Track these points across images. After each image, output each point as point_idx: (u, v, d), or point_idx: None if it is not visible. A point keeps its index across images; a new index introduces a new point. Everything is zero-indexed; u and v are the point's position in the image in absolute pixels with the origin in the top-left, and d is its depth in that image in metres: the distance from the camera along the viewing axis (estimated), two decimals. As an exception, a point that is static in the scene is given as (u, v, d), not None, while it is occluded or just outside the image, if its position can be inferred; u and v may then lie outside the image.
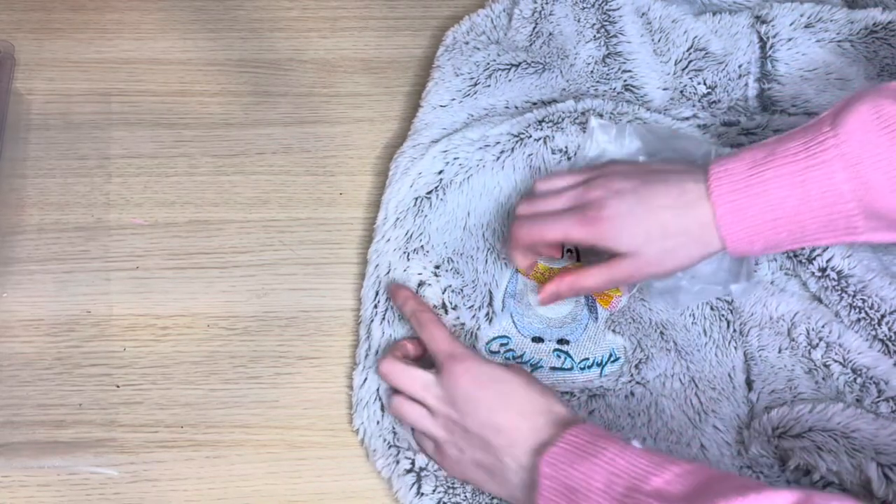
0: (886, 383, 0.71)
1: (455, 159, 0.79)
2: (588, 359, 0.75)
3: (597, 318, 0.76)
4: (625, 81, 0.85)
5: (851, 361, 0.72)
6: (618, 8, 0.85)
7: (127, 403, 0.73)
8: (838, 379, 0.72)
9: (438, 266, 0.76)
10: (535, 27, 0.86)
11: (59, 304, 0.76)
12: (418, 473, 0.69)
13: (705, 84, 0.84)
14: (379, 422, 0.71)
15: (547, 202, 0.71)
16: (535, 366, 0.75)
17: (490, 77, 0.84)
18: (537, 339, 0.75)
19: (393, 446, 0.71)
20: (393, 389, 0.71)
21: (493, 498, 0.68)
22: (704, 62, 0.85)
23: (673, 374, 0.74)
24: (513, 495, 0.65)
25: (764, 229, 0.65)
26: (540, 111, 0.82)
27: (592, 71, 0.85)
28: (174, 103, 0.85)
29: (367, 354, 0.74)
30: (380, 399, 0.72)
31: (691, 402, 0.73)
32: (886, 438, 0.67)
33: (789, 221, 0.65)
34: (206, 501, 0.70)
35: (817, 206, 0.64)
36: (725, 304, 0.76)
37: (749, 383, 0.73)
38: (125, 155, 0.83)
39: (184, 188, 0.82)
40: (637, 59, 0.85)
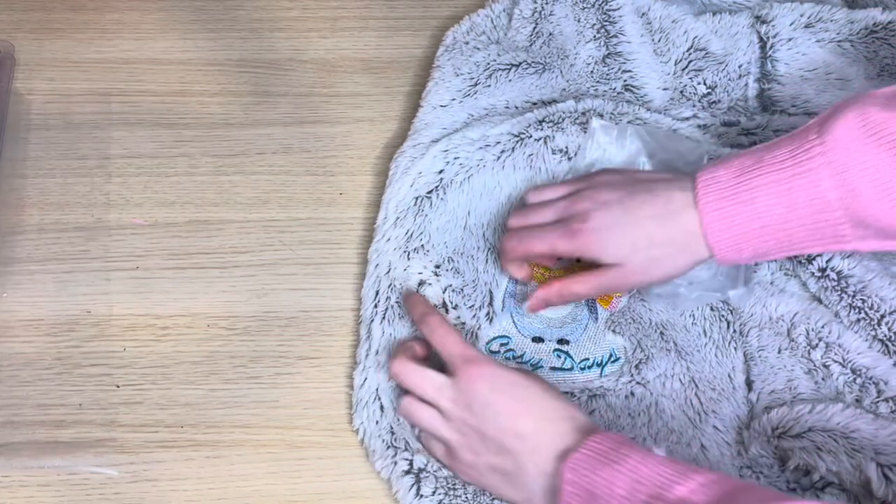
0: (886, 383, 0.71)
1: (455, 159, 0.79)
2: (588, 359, 0.75)
3: (597, 319, 0.76)
4: (625, 81, 0.85)
5: (851, 362, 0.72)
6: (618, 8, 0.85)
7: (127, 403, 0.73)
8: (838, 379, 0.72)
9: (439, 265, 0.76)
10: (536, 27, 0.86)
11: (59, 304, 0.76)
12: (417, 475, 0.69)
13: (705, 84, 0.84)
14: (378, 422, 0.71)
15: (536, 214, 0.72)
16: (536, 366, 0.75)
17: (490, 77, 0.84)
18: (537, 339, 0.75)
19: (391, 447, 0.70)
20: (402, 390, 0.70)
21: (495, 499, 0.68)
22: (704, 62, 0.85)
23: (673, 375, 0.74)
24: (530, 500, 0.65)
25: (751, 237, 0.65)
26: (540, 111, 0.82)
27: (592, 71, 0.85)
28: (174, 103, 0.85)
29: (368, 354, 0.74)
30: (379, 399, 0.72)
31: (691, 403, 0.73)
32: (886, 438, 0.67)
33: (776, 229, 0.64)
34: (206, 501, 0.70)
35: (804, 214, 0.64)
36: (725, 305, 0.76)
37: (749, 384, 0.73)
38: (125, 155, 0.83)
39: (184, 188, 0.82)
40: (637, 60, 0.85)
